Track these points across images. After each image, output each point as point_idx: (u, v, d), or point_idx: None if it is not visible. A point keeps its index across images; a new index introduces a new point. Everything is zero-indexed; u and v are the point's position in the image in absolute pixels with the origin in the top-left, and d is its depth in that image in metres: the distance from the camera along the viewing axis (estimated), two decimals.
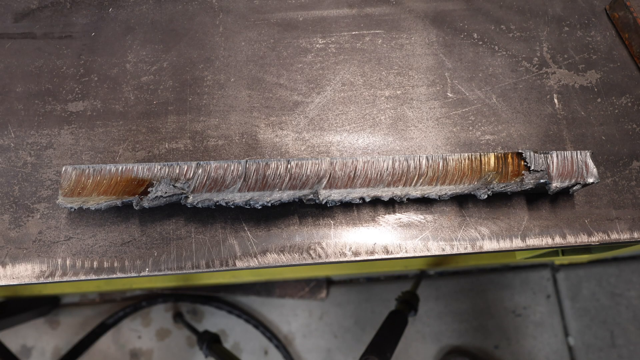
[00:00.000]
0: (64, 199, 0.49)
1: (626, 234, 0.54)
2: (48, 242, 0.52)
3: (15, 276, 0.51)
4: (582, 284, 1.51)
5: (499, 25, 0.64)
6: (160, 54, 0.61)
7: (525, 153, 0.51)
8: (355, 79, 0.61)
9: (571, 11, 0.65)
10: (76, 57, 0.61)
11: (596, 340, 1.45)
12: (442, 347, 1.45)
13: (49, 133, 0.57)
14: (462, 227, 0.54)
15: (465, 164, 0.51)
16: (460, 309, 1.48)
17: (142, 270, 0.51)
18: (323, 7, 0.64)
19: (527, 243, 0.53)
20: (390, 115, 0.59)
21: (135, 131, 0.57)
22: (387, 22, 0.64)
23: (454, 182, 0.51)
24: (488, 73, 0.61)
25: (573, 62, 0.62)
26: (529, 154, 0.51)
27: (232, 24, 0.63)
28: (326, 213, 0.54)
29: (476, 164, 0.51)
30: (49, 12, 0.63)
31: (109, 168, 0.49)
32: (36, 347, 1.44)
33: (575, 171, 0.51)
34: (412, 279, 1.50)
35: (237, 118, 0.58)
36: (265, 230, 0.53)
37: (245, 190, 0.50)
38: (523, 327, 1.46)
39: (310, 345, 1.45)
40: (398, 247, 0.53)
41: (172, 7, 0.64)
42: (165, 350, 1.45)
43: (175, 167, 0.49)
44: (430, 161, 0.51)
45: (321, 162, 0.50)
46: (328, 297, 1.49)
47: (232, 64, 0.61)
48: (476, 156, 0.51)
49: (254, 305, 1.48)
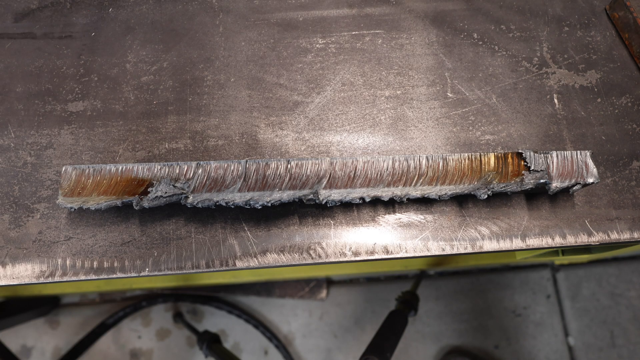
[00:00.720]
0: (64, 199, 0.49)
1: (626, 234, 0.54)
2: (48, 242, 0.52)
3: (15, 276, 0.51)
4: (582, 284, 1.51)
5: (499, 25, 0.64)
6: (160, 54, 0.61)
7: (525, 153, 0.51)
8: (355, 79, 0.61)
9: (571, 11, 0.65)
10: (76, 57, 0.61)
11: (596, 340, 1.45)
12: (442, 347, 1.45)
13: (49, 133, 0.57)
14: (462, 227, 0.54)
15: (465, 164, 0.51)
16: (460, 309, 1.48)
17: (142, 270, 0.51)
18: (323, 7, 0.64)
19: (527, 243, 0.53)
20: (390, 115, 0.59)
21: (135, 131, 0.57)
22: (387, 22, 0.64)
23: (454, 182, 0.51)
24: (488, 73, 0.61)
25: (573, 62, 0.62)
26: (529, 154, 0.51)
27: (232, 24, 0.63)
28: (326, 213, 0.54)
29: (476, 164, 0.51)
30: (49, 12, 0.63)
31: (109, 168, 0.49)
32: (36, 347, 1.44)
33: (575, 171, 0.51)
34: (412, 279, 1.50)
35: (237, 118, 0.58)
36: (265, 230, 0.53)
37: (245, 190, 0.50)
38: (523, 327, 1.46)
39: (310, 345, 1.45)
40: (398, 247, 0.53)
41: (172, 7, 0.64)
42: (165, 350, 1.45)
43: (175, 167, 0.49)
44: (430, 161, 0.51)
45: (321, 162, 0.50)
46: (328, 297, 1.49)
47: (232, 64, 0.61)
48: (476, 156, 0.51)
49: (254, 305, 1.48)
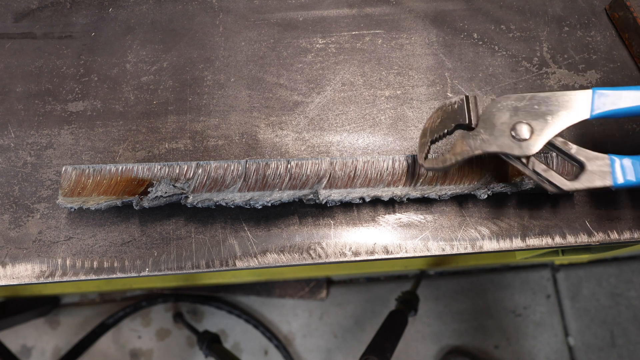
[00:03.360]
0: (64, 199, 0.49)
1: (626, 234, 0.54)
2: (48, 242, 0.52)
3: (15, 276, 0.51)
4: (582, 284, 1.51)
5: (499, 25, 0.64)
6: (160, 54, 0.61)
7: None
8: (355, 79, 0.61)
9: (571, 11, 0.65)
10: (76, 57, 0.61)
11: (596, 340, 1.45)
12: (442, 347, 1.45)
13: (49, 133, 0.57)
14: (462, 227, 0.54)
15: (465, 164, 0.51)
16: (460, 309, 1.48)
17: (142, 270, 0.51)
18: (323, 7, 0.64)
19: (527, 243, 0.53)
20: (390, 115, 0.59)
21: (135, 131, 0.57)
22: (387, 22, 0.64)
23: (454, 182, 0.51)
24: (488, 73, 0.61)
25: (573, 62, 0.62)
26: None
27: (232, 24, 0.63)
28: (326, 213, 0.54)
29: (476, 164, 0.51)
30: (49, 12, 0.63)
31: (109, 168, 0.49)
32: (36, 347, 1.44)
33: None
34: (412, 279, 1.50)
35: (237, 118, 0.58)
36: (265, 230, 0.53)
37: (245, 190, 0.50)
38: (523, 327, 1.46)
39: (310, 345, 1.45)
40: (398, 247, 0.53)
41: (172, 7, 0.64)
42: (165, 350, 1.45)
43: (175, 167, 0.49)
44: None
45: (321, 162, 0.50)
46: (328, 297, 1.49)
47: (232, 64, 0.61)
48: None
49: (254, 305, 1.48)
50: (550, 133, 0.46)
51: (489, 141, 0.46)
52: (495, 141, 0.46)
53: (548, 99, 0.46)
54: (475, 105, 0.47)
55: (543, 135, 0.46)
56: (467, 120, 0.47)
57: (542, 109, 0.46)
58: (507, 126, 0.46)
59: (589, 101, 0.46)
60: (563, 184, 0.46)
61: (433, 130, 0.48)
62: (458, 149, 0.46)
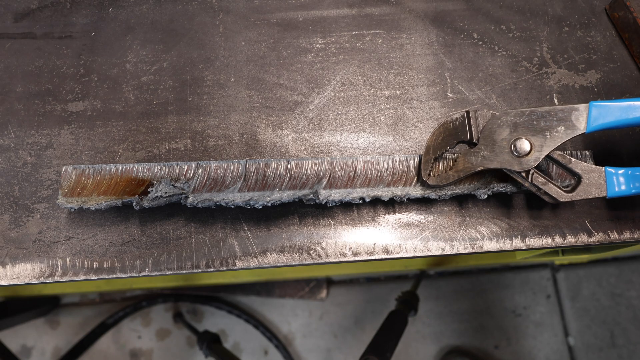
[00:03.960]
0: (64, 199, 0.49)
1: (626, 234, 0.54)
2: (48, 242, 0.52)
3: (15, 276, 0.51)
4: (582, 284, 1.51)
5: (499, 25, 0.64)
6: (160, 54, 0.61)
7: None
8: (355, 79, 0.61)
9: (571, 11, 0.65)
10: (76, 57, 0.61)
11: (596, 340, 1.45)
12: (442, 347, 1.45)
13: (49, 133, 0.57)
14: (462, 227, 0.54)
15: None
16: (460, 309, 1.48)
17: (142, 270, 0.51)
18: (323, 7, 0.64)
19: (527, 243, 0.53)
20: (390, 115, 0.59)
21: (135, 131, 0.57)
22: (387, 22, 0.64)
23: (454, 183, 0.51)
24: (488, 73, 0.61)
25: (573, 62, 0.62)
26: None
27: (232, 24, 0.63)
28: (326, 213, 0.54)
29: None
30: (49, 12, 0.63)
31: (109, 168, 0.49)
32: (36, 347, 1.44)
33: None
34: (412, 279, 1.50)
35: (237, 118, 0.58)
36: (265, 230, 0.53)
37: (245, 190, 0.50)
38: (523, 327, 1.46)
39: (310, 345, 1.45)
40: (398, 247, 0.53)
41: (172, 7, 0.64)
42: (165, 350, 1.45)
43: (175, 167, 0.49)
44: None
45: (321, 162, 0.50)
46: (328, 297, 1.49)
47: (232, 64, 0.61)
48: None
49: (254, 305, 1.48)
50: (549, 148, 0.47)
51: (490, 158, 0.48)
52: (496, 158, 0.48)
53: (547, 114, 0.48)
54: (476, 121, 0.49)
55: (542, 150, 0.47)
56: (469, 137, 0.49)
57: (541, 124, 0.47)
58: (507, 142, 0.48)
59: (585, 115, 0.47)
60: (560, 196, 0.48)
61: (436, 148, 0.49)
62: (460, 166, 0.49)
